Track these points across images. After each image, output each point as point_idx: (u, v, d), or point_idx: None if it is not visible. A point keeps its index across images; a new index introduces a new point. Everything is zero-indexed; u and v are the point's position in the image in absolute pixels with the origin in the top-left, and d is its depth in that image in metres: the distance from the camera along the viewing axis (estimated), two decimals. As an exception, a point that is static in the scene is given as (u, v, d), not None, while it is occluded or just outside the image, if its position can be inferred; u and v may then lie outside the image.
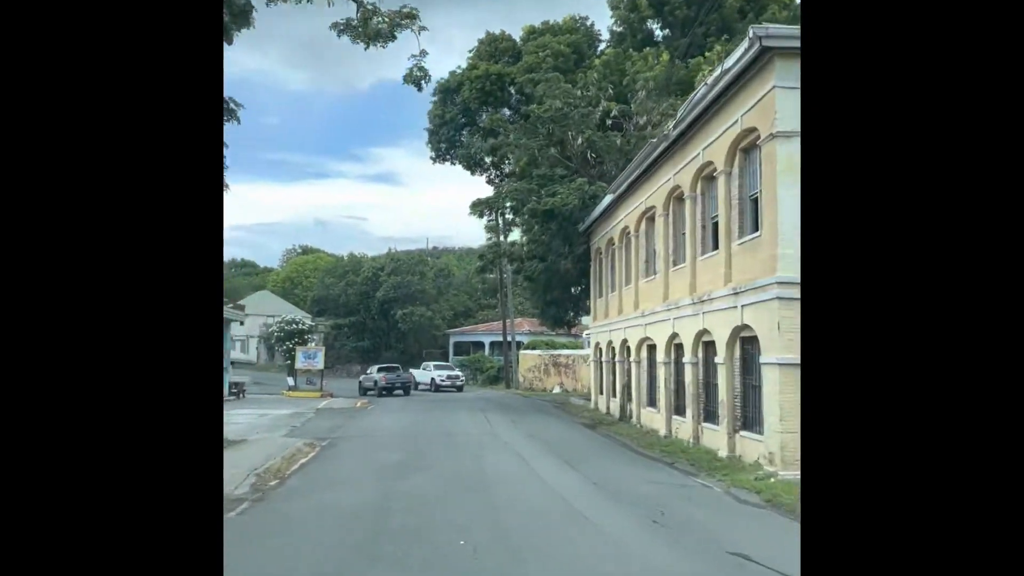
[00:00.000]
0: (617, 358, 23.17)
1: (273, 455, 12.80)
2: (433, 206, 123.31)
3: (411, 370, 42.49)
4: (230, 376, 35.93)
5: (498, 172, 34.38)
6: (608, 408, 24.46)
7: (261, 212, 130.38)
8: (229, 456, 12.80)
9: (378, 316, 57.57)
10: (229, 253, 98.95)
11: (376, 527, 7.89)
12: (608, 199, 22.80)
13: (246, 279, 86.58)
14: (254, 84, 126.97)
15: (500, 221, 29.87)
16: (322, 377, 36.12)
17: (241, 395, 33.01)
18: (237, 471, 10.83)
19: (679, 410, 16.94)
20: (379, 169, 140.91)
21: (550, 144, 26.35)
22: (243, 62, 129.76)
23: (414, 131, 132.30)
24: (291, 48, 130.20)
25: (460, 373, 40.92)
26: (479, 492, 9.96)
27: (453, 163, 35.48)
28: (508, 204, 25.36)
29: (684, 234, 16.84)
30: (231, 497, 9.06)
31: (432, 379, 39.09)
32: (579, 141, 25.65)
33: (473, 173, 34.98)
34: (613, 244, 23.74)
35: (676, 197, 17.46)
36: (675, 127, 16.19)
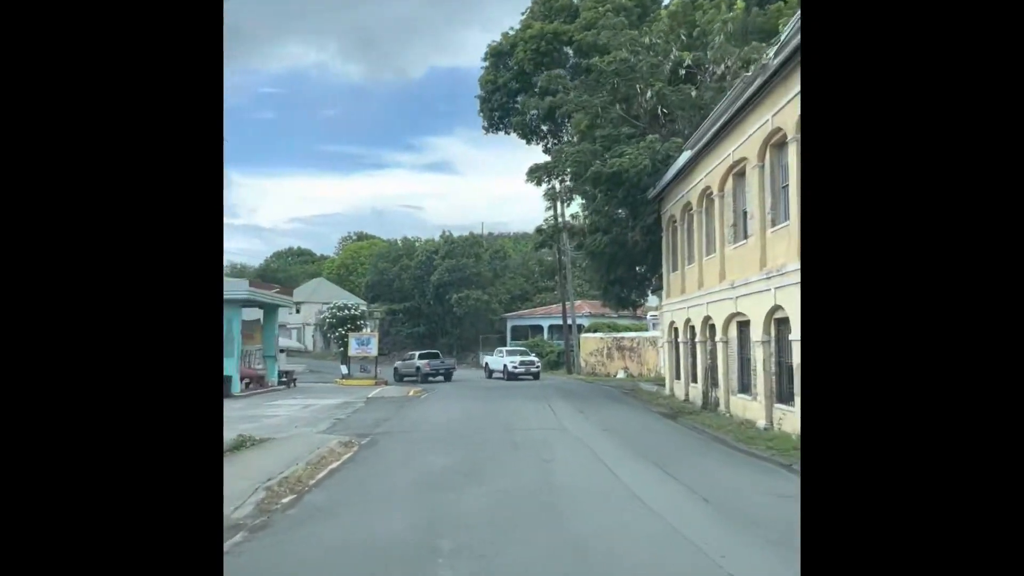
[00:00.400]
0: (697, 338, 20.38)
1: (299, 458, 10.57)
2: (488, 194, 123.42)
3: (484, 357, 40.55)
4: (279, 365, 34.56)
5: (555, 140, 31.67)
6: (687, 395, 21.71)
7: (321, 204, 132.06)
8: (245, 460, 10.59)
9: (433, 301, 55.63)
10: (288, 244, 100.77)
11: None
12: (685, 156, 19.92)
13: (302, 267, 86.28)
14: (312, 78, 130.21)
15: (558, 186, 26.97)
16: (376, 364, 34.47)
17: (292, 384, 31.49)
18: (245, 483, 8.57)
19: (783, 398, 14.13)
20: (434, 158, 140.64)
21: (615, 101, 23.50)
22: (302, 56, 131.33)
23: (468, 119, 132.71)
24: (348, 40, 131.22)
25: (536, 358, 36.93)
26: (556, 520, 7.31)
27: (507, 132, 32.91)
28: (569, 169, 22.59)
29: (786, 187, 13.96)
30: (225, 522, 6.81)
31: (504, 366, 35.51)
32: (648, 95, 22.72)
33: (529, 142, 32.34)
34: (690, 209, 20.88)
35: (775, 143, 14.54)
36: (776, 54, 13.30)
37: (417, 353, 36.68)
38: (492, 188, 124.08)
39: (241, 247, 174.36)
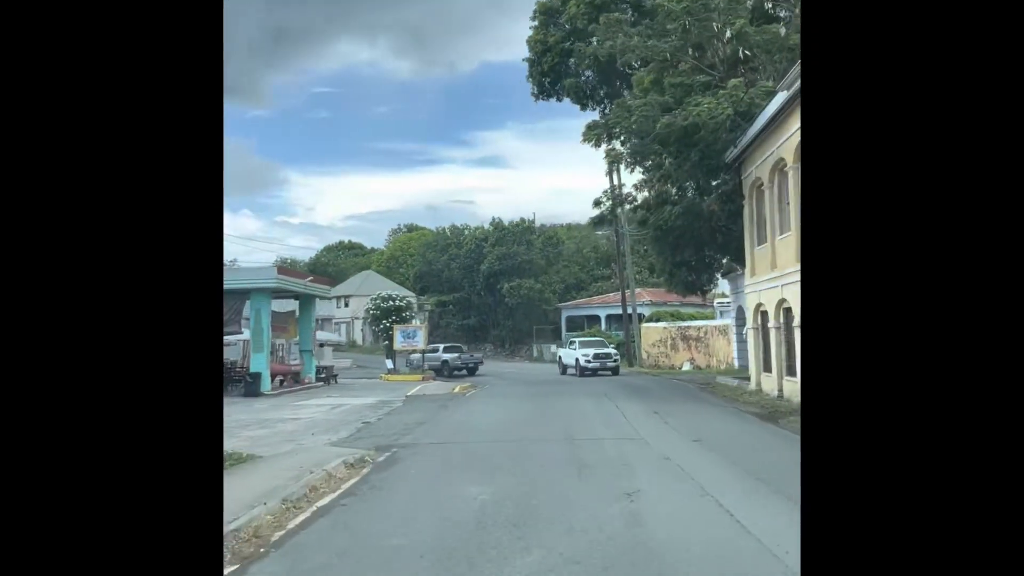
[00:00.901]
0: (795, 322, 16.81)
1: (280, 488, 7.53)
2: (541, 187, 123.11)
3: (556, 350, 38.10)
4: (320, 360, 32.12)
5: (614, 105, 28.22)
6: (780, 390, 18.14)
7: (375, 201, 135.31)
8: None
9: (483, 291, 53.04)
10: (341, 238, 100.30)
11: None
12: (778, 101, 16.29)
13: (352, 260, 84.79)
14: (365, 76, 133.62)
15: (619, 146, 23.40)
16: (423, 357, 31.83)
17: (332, 381, 28.95)
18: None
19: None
20: (485, 152, 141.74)
21: (686, 46, 19.95)
22: (353, 54, 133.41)
23: (519, 112, 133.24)
24: (398, 36, 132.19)
25: (614, 351, 31.98)
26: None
27: (559, 98, 29.61)
28: (633, 125, 19.16)
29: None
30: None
31: (576, 359, 30.86)
32: (726, 36, 19.13)
33: (584, 107, 28.98)
34: (784, 167, 17.26)
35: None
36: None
37: (441, 347, 34.48)
38: (544, 182, 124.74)
39: (298, 244, 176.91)
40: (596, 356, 30.68)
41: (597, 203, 31.03)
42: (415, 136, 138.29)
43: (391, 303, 34.63)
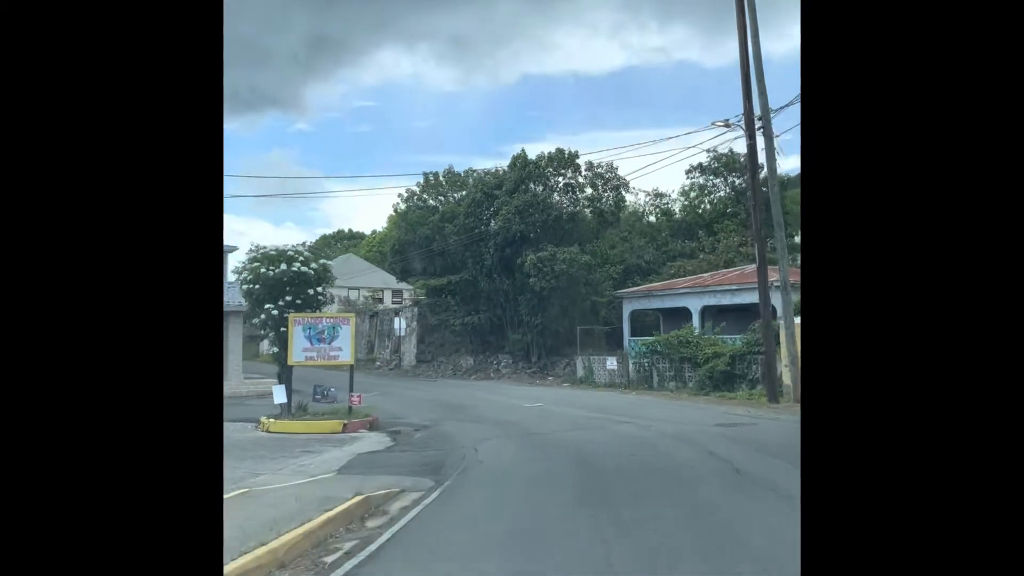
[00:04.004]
0: None
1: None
2: None
3: (613, 365, 25.35)
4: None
5: None
6: None
7: None
8: None
9: (496, 269, 32.29)
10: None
11: None
12: None
13: (339, 246, 67.06)
14: (406, 88, 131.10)
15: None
16: (352, 379, 13.81)
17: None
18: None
19: None
20: None
21: None
22: (395, 64, 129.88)
23: (559, 124, 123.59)
24: (441, 46, 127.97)
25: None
26: None
27: None
28: None
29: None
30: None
31: None
32: None
33: None
34: None
35: None
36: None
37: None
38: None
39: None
40: None
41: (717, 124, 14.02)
42: (454, 149, 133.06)
43: (281, 261, 15.97)
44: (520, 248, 31.04)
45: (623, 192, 31.74)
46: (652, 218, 41.06)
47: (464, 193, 33.89)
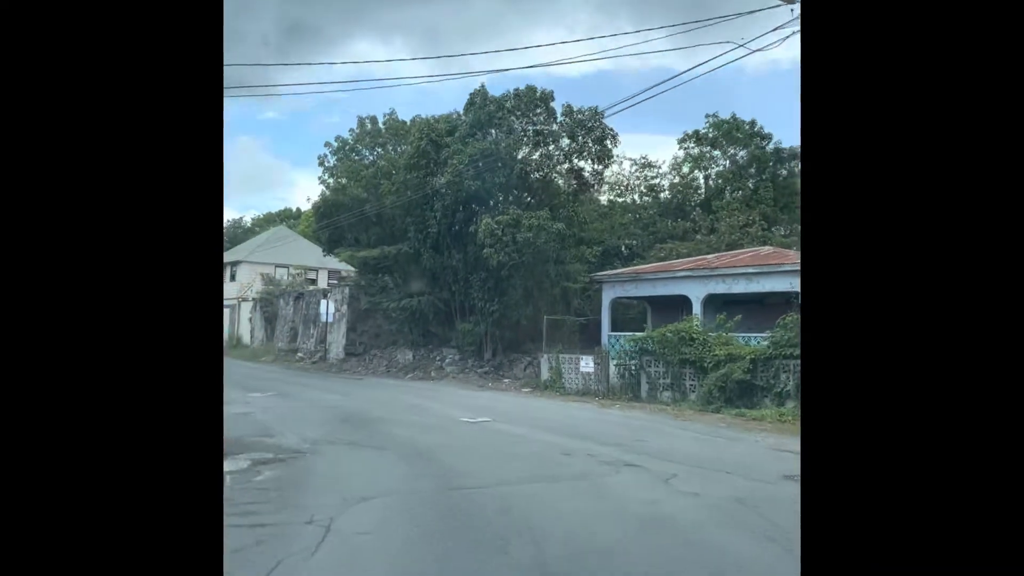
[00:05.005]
0: None
1: None
2: None
3: (587, 367, 20.15)
4: None
5: None
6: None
7: None
8: None
9: (443, 241, 24.97)
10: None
11: None
12: None
13: (285, 224, 59.85)
14: (378, 81, 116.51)
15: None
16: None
17: None
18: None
19: None
20: None
21: None
22: (370, 54, 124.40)
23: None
24: (414, 39, 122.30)
25: None
26: None
27: None
28: None
29: None
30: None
31: None
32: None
33: None
34: None
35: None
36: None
37: None
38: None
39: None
40: None
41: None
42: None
43: None
44: (475, 215, 24.24)
45: (609, 145, 24.81)
46: (636, 196, 34.63)
47: (408, 146, 26.86)
